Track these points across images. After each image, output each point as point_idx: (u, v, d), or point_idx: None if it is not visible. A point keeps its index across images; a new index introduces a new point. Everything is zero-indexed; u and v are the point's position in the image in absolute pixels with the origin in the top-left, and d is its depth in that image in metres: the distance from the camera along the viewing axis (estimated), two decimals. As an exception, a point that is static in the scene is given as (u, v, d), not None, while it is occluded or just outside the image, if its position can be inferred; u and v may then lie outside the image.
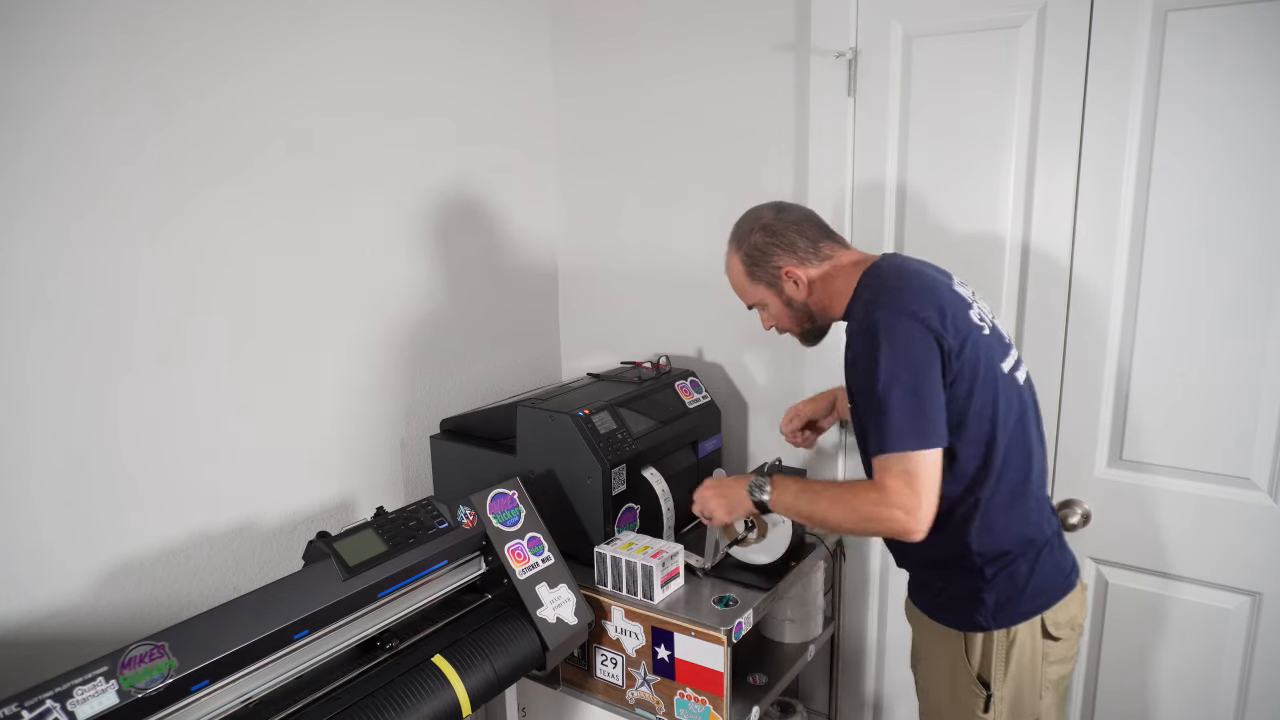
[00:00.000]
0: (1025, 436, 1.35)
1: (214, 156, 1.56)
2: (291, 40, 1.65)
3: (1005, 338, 1.38)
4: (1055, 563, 1.38)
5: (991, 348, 1.31)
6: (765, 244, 1.41)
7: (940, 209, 1.79)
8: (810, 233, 1.41)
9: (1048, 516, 1.40)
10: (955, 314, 1.28)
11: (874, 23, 1.79)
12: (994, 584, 1.34)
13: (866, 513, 1.24)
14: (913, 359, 1.23)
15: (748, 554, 1.72)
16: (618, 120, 2.19)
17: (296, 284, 1.72)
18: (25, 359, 1.34)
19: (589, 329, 2.37)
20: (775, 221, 1.42)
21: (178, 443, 1.55)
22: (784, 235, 1.40)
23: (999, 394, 1.30)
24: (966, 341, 1.27)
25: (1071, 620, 1.40)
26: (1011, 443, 1.32)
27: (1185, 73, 1.50)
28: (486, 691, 1.40)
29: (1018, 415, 1.34)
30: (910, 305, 1.26)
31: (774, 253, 1.40)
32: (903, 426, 1.21)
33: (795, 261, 1.40)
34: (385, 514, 1.47)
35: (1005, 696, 1.37)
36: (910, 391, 1.22)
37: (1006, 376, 1.33)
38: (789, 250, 1.40)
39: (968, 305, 1.33)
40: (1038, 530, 1.37)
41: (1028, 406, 1.38)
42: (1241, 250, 1.51)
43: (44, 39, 1.32)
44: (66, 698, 1.02)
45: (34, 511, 1.37)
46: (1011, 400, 1.33)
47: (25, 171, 1.32)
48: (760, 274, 1.43)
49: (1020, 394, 1.36)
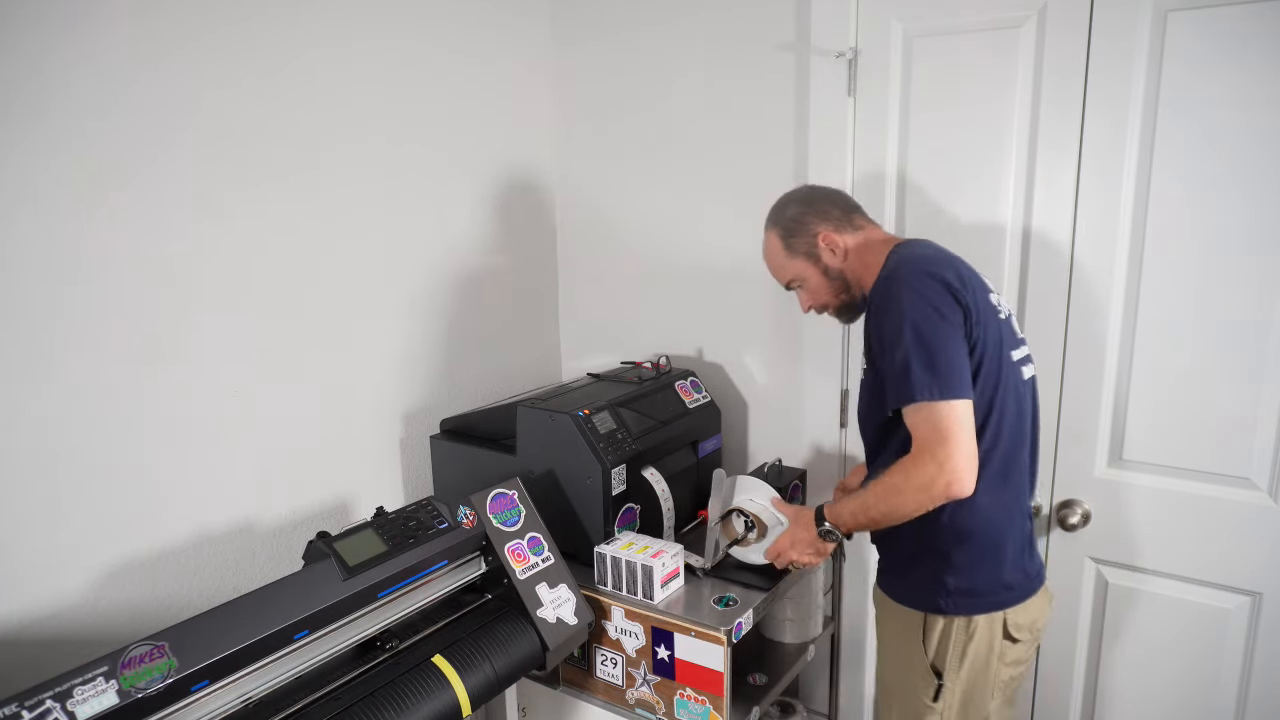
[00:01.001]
0: (1019, 429, 1.36)
1: (213, 158, 1.56)
2: (293, 48, 1.66)
3: (1019, 333, 1.41)
4: (1022, 563, 1.39)
5: (1003, 332, 1.34)
6: (801, 214, 1.47)
7: (940, 209, 1.79)
8: (843, 203, 1.48)
9: (1023, 517, 1.41)
10: (975, 285, 1.32)
11: (874, 23, 1.79)
12: (958, 569, 1.35)
13: (916, 486, 1.25)
14: (934, 313, 1.25)
15: (748, 554, 1.71)
16: (618, 120, 2.19)
17: (296, 284, 1.72)
18: (25, 359, 1.34)
19: (589, 329, 2.38)
20: (810, 194, 1.51)
21: (178, 443, 1.55)
22: (818, 205, 1.47)
23: (1003, 377, 1.32)
24: (983, 313, 1.30)
25: (1032, 624, 1.41)
26: (1004, 428, 1.33)
27: (1185, 73, 1.50)
28: (486, 691, 1.40)
29: (1015, 405, 1.35)
30: (930, 267, 1.31)
31: (810, 221, 1.45)
32: (928, 375, 1.23)
33: (832, 227, 1.44)
34: (385, 514, 1.47)
35: (956, 690, 1.38)
36: (931, 343, 1.24)
37: (1013, 365, 1.35)
38: (824, 218, 1.45)
39: (988, 290, 1.37)
40: (1010, 525, 1.37)
41: (1026, 402, 1.39)
42: (1242, 250, 1.51)
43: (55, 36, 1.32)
44: (66, 698, 1.02)
45: (34, 511, 1.37)
46: (1013, 389, 1.34)
47: (25, 171, 1.32)
48: (798, 244, 1.47)
49: (1022, 388, 1.37)
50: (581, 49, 2.22)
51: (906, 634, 1.43)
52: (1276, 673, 1.60)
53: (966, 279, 1.32)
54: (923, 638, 1.40)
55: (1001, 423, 1.32)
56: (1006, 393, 1.33)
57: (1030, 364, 1.42)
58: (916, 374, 1.23)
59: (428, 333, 2.02)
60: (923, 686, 1.41)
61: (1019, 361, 1.38)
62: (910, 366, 1.24)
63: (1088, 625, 1.77)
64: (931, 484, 1.23)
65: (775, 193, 1.96)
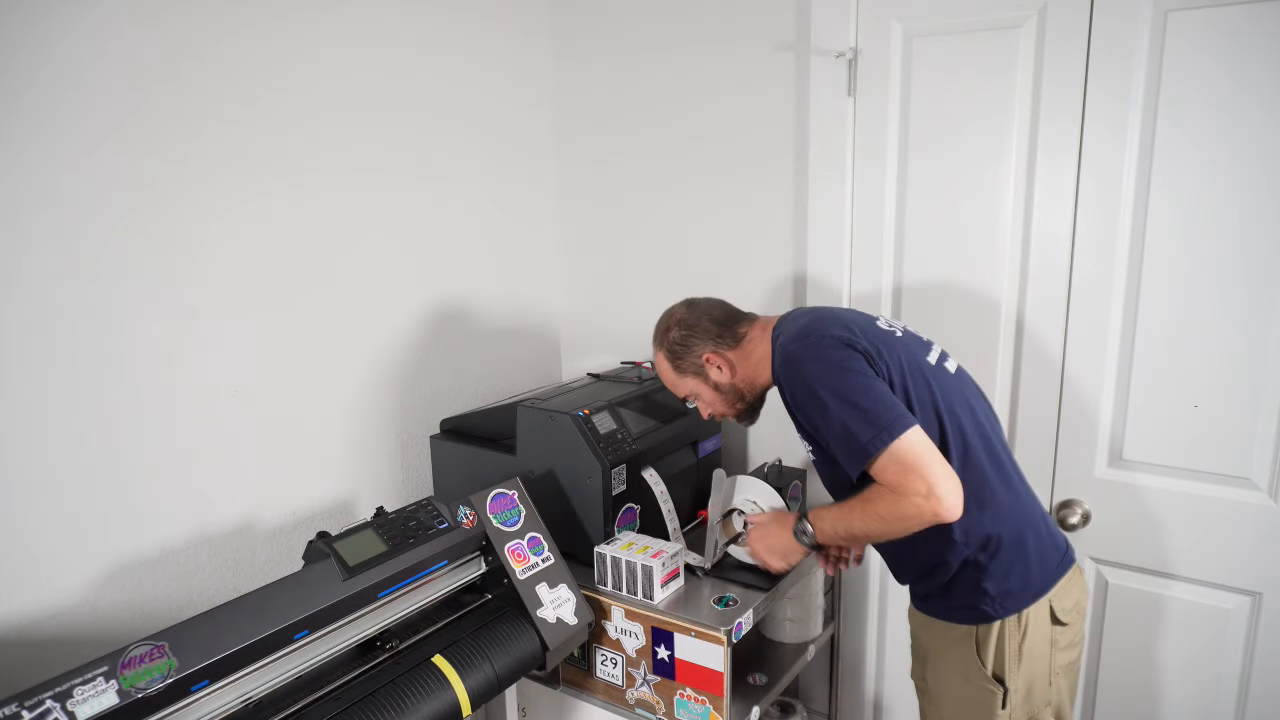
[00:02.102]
0: (978, 422, 1.37)
1: (217, 166, 1.56)
2: (293, 44, 1.66)
3: (923, 337, 1.45)
4: (1047, 541, 1.39)
5: (909, 346, 1.38)
6: (683, 337, 1.51)
7: (940, 209, 1.79)
8: (720, 317, 1.51)
9: (1028, 498, 1.40)
10: (860, 325, 1.37)
11: (874, 23, 1.79)
12: (990, 570, 1.35)
13: (897, 514, 1.25)
14: (841, 368, 1.30)
15: (748, 554, 1.72)
16: (618, 119, 2.19)
17: (295, 285, 1.72)
18: (25, 359, 1.34)
19: (589, 329, 2.37)
20: (687, 315, 1.52)
21: (178, 443, 1.55)
22: (698, 325, 1.50)
23: (933, 383, 1.35)
24: (880, 345, 1.34)
25: (1076, 604, 1.41)
26: (966, 430, 1.34)
27: (1185, 73, 1.50)
28: (486, 691, 1.40)
29: (961, 402, 1.37)
30: (816, 330, 1.35)
31: (693, 343, 1.50)
32: (867, 428, 1.25)
33: (713, 346, 1.49)
34: (385, 514, 1.47)
35: (1019, 689, 1.38)
36: (853, 398, 1.27)
37: (935, 368, 1.38)
38: (705, 338, 1.49)
39: (872, 319, 1.42)
40: (1022, 512, 1.37)
41: (967, 391, 1.41)
42: (1242, 250, 1.51)
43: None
44: (66, 698, 1.02)
45: (34, 512, 1.37)
46: (949, 387, 1.37)
47: (27, 174, 1.32)
48: (685, 365, 1.52)
49: (956, 382, 1.40)
50: (581, 48, 2.22)
51: (960, 650, 1.40)
52: (1276, 673, 1.60)
53: (851, 323, 1.36)
54: (977, 649, 1.38)
55: (962, 427, 1.34)
56: (947, 398, 1.35)
57: (949, 358, 1.44)
58: (858, 432, 1.25)
59: (428, 333, 2.02)
60: (987, 699, 1.38)
61: (938, 362, 1.40)
62: (849, 429, 1.26)
63: (1088, 625, 1.76)
64: (919, 514, 1.24)
65: (775, 192, 1.98)
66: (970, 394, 1.41)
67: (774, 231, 2.00)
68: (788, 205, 1.97)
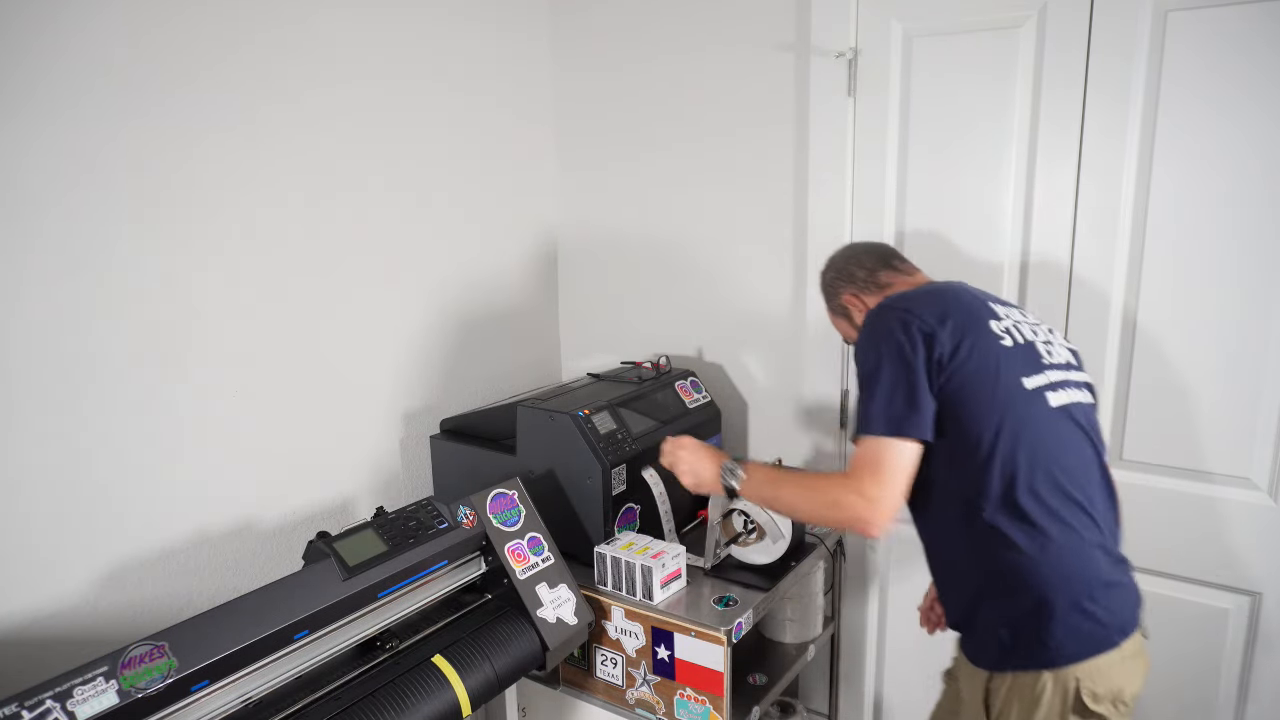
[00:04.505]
0: (1049, 460, 1.23)
1: (212, 163, 1.56)
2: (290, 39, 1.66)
3: (1045, 357, 1.30)
4: (1087, 607, 1.20)
5: (1010, 360, 1.27)
6: (831, 279, 1.55)
7: (940, 209, 1.79)
8: (869, 262, 1.50)
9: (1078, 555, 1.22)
10: (963, 321, 1.27)
11: (874, 23, 1.79)
12: (1011, 616, 1.23)
13: (829, 498, 1.25)
14: (897, 350, 1.24)
15: (748, 554, 1.72)
16: (618, 119, 2.19)
17: (295, 284, 1.72)
18: (26, 359, 1.34)
19: (589, 329, 2.37)
20: (839, 257, 1.56)
21: (178, 443, 1.55)
22: (844, 269, 1.52)
23: (1009, 405, 1.24)
24: (971, 347, 1.24)
25: (1116, 693, 1.21)
26: (1019, 459, 1.21)
27: (1185, 72, 1.50)
28: (486, 691, 1.40)
29: (1037, 435, 1.23)
30: (906, 305, 1.29)
31: (838, 285, 1.53)
32: (878, 411, 1.23)
33: (854, 291, 1.50)
34: (385, 514, 1.47)
35: None
36: (891, 380, 1.23)
37: (1028, 392, 1.25)
38: (849, 281, 1.51)
39: (989, 318, 1.30)
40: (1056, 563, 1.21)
41: (1059, 430, 1.26)
42: (1241, 250, 1.51)
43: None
44: (66, 698, 1.02)
45: (34, 512, 1.37)
46: (1030, 418, 1.24)
47: (26, 173, 1.32)
48: (834, 305, 1.56)
49: (1048, 417, 1.25)
50: (581, 47, 2.22)
51: (971, 698, 1.30)
52: (1276, 673, 1.60)
53: (951, 314, 1.27)
54: (985, 700, 1.26)
55: (1015, 453, 1.22)
56: (1019, 423, 1.23)
57: (1065, 389, 1.29)
58: (870, 408, 1.24)
59: (428, 333, 2.02)
60: None
61: (1041, 389, 1.26)
62: (865, 401, 1.26)
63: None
64: (841, 506, 1.23)
65: (775, 192, 1.98)
66: (1063, 431, 1.26)
67: (774, 231, 2.00)
68: (788, 205, 1.97)
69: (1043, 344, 1.32)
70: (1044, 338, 1.34)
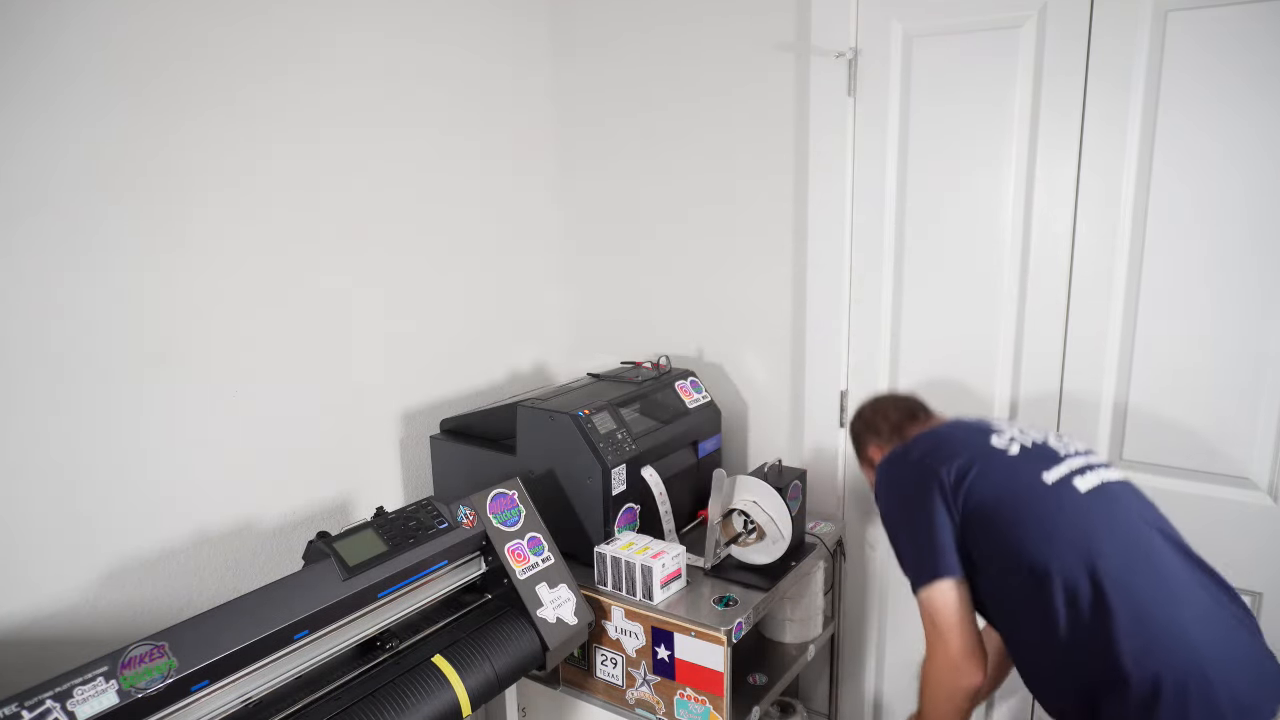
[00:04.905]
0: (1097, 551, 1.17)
1: (214, 163, 1.56)
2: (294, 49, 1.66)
3: (1060, 450, 1.31)
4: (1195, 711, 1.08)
5: (1023, 464, 1.27)
6: (859, 432, 1.60)
7: (940, 208, 1.79)
8: (894, 416, 1.54)
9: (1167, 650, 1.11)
10: (962, 448, 1.31)
11: (874, 23, 1.79)
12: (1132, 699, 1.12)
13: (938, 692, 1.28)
14: (906, 497, 1.32)
15: (748, 554, 1.72)
16: (618, 118, 2.19)
17: (295, 285, 1.72)
18: (27, 360, 1.34)
19: (589, 329, 2.37)
20: (866, 409, 1.61)
21: (178, 443, 1.55)
22: (871, 421, 1.57)
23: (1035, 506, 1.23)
24: (979, 468, 1.27)
25: None
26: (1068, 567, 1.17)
27: (1185, 72, 1.50)
28: (486, 691, 1.40)
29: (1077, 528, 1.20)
30: (906, 451, 1.38)
31: (865, 438, 1.58)
32: (910, 564, 1.30)
33: (879, 444, 1.54)
34: (385, 514, 1.47)
35: None
36: (909, 528, 1.30)
37: (1051, 487, 1.24)
38: (875, 434, 1.56)
39: (989, 436, 1.33)
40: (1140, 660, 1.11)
41: (1091, 516, 1.22)
42: (1241, 250, 1.51)
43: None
44: (66, 698, 1.02)
45: (34, 512, 1.37)
46: (1059, 510, 1.22)
47: (26, 174, 1.32)
48: (861, 455, 1.60)
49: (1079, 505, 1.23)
50: (581, 46, 2.22)
51: None
52: (1276, 673, 1.60)
53: (946, 443, 1.34)
54: None
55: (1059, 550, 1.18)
56: (1051, 521, 1.21)
57: (1091, 472, 1.27)
58: (904, 564, 1.31)
59: (428, 333, 2.02)
60: None
61: (1065, 478, 1.25)
62: (897, 551, 1.33)
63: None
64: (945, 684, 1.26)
65: (775, 192, 1.98)
66: (1095, 515, 1.22)
67: (774, 230, 2.00)
68: (788, 205, 1.97)
69: (1054, 439, 1.35)
70: (1053, 437, 1.36)
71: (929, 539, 1.26)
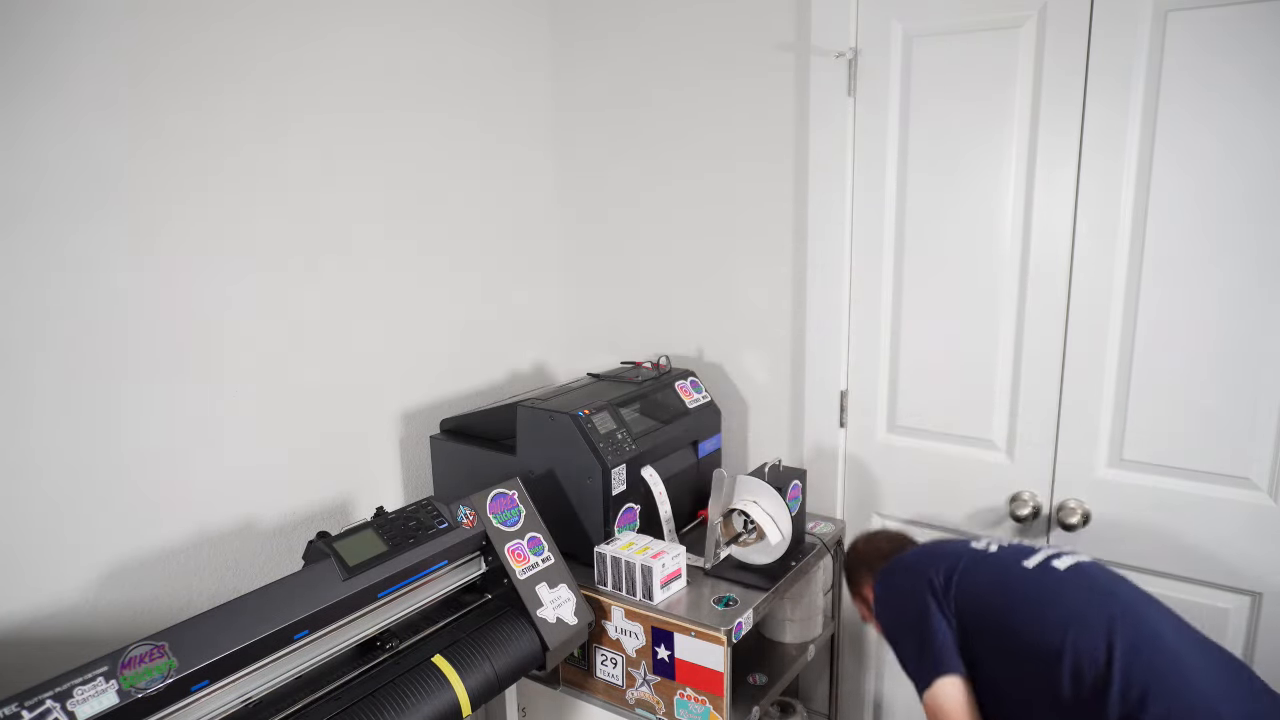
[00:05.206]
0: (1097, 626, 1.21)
1: (214, 163, 1.56)
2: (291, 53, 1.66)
3: (1035, 547, 1.41)
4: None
5: (1002, 557, 1.38)
6: (853, 566, 1.64)
7: (940, 209, 1.79)
8: (888, 552, 1.57)
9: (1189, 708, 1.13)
10: (947, 555, 1.41)
11: (874, 23, 1.79)
12: None
13: None
14: (901, 603, 1.39)
15: (748, 554, 1.72)
16: (618, 117, 2.19)
17: (294, 284, 1.72)
18: (27, 360, 1.34)
19: (589, 329, 2.38)
20: (860, 544, 1.66)
21: (178, 442, 1.55)
22: (865, 557, 1.61)
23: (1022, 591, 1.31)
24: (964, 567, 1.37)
25: None
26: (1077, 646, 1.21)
27: (1185, 73, 1.50)
28: (486, 691, 1.40)
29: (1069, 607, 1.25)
30: (895, 566, 1.46)
31: (859, 573, 1.62)
32: (913, 669, 1.34)
33: (872, 580, 1.55)
34: (385, 514, 1.47)
35: None
36: (908, 633, 1.36)
37: (1031, 570, 1.33)
38: (868, 569, 1.59)
39: (970, 543, 1.44)
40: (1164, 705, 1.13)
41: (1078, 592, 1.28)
42: (1241, 250, 1.51)
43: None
44: (66, 698, 1.02)
45: (34, 512, 1.37)
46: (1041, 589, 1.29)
47: (27, 176, 1.32)
48: (855, 590, 1.64)
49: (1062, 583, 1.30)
50: (581, 45, 2.22)
51: None
52: (1276, 673, 1.60)
53: (931, 555, 1.43)
54: None
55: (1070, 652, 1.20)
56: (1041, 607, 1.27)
57: (1064, 556, 1.35)
58: (909, 667, 1.35)
59: (428, 333, 2.02)
60: None
61: (1043, 562, 1.34)
62: (900, 657, 1.38)
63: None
64: None
65: (775, 192, 1.98)
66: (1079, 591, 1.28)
67: (774, 230, 2.00)
68: (788, 204, 1.97)
69: (1027, 543, 1.45)
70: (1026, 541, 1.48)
71: (929, 639, 1.32)
